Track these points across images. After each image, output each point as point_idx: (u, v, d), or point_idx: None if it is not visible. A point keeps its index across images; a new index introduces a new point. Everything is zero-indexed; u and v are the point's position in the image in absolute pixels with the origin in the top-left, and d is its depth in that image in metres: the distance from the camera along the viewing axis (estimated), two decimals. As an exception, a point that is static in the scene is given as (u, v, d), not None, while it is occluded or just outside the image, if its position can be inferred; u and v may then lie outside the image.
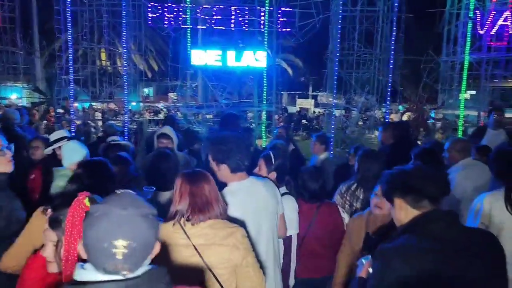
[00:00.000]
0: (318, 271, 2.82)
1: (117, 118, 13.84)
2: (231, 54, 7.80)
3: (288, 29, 8.09)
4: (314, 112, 24.53)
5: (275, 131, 5.41)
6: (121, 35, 8.50)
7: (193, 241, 1.76)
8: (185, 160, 3.87)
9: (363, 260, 1.70)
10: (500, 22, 8.30)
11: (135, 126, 10.75)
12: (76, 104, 9.80)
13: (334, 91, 9.77)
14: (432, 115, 15.73)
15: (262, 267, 1.96)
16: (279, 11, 8.00)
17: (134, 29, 9.04)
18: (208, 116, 10.55)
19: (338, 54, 9.19)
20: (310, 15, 8.60)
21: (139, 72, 12.11)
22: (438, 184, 1.52)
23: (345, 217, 2.93)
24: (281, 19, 7.90)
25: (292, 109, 25.34)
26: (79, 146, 3.02)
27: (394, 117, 18.64)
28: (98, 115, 14.46)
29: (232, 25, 7.97)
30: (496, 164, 2.50)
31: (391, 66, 9.41)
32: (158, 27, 8.46)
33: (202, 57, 7.95)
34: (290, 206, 2.64)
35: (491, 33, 8.58)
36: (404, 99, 18.82)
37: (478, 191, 2.61)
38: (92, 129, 10.41)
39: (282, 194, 2.57)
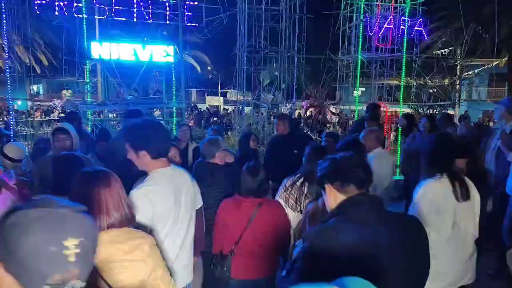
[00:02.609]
0: (256, 272, 2.70)
1: (-1, 120, 11.99)
2: (134, 48, 7.29)
3: (194, 24, 7.90)
4: (224, 109, 24.68)
5: (209, 132, 5.29)
6: (0, 24, 7.33)
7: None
8: (90, 163, 3.48)
9: (300, 242, 1.75)
10: (385, 25, 9.33)
11: (23, 128, 9.45)
12: None
13: (243, 88, 9.92)
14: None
15: (172, 272, 1.80)
16: (185, 4, 7.77)
17: (17, 17, 7.88)
18: (111, 115, 9.79)
19: (245, 51, 9.33)
20: (217, 11, 8.56)
21: (25, 67, 10.63)
22: (363, 170, 1.60)
23: (289, 212, 2.86)
24: (187, 13, 7.66)
25: (202, 107, 25.11)
26: None
27: (299, 113, 19.79)
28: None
29: (135, 17, 7.47)
30: (434, 152, 2.49)
31: (295, 64, 9.92)
32: (47, 15, 7.52)
33: (103, 50, 7.28)
34: None
35: (378, 35, 9.59)
36: (307, 95, 20.04)
37: (388, 178, 2.82)
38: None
39: None
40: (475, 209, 2.44)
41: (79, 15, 7.51)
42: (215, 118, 17.25)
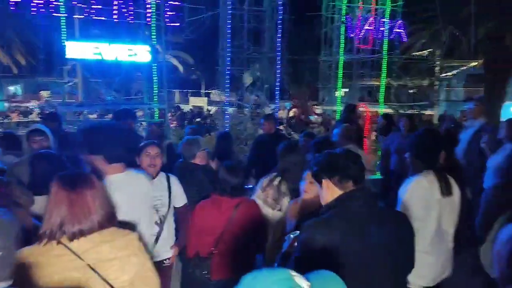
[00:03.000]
0: (236, 271, 2.66)
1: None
2: (114, 48, 7.17)
3: (176, 24, 7.82)
4: (208, 110, 24.55)
5: (186, 130, 5.24)
6: (-27, 21, 7.10)
7: (87, 260, 1.49)
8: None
9: (291, 235, 1.79)
10: (366, 27, 9.47)
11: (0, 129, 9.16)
12: None
13: (227, 88, 9.89)
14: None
15: None
16: (167, 4, 7.69)
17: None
18: (91, 116, 9.60)
19: (229, 52, 9.31)
20: (200, 11, 8.51)
21: (2, 67, 10.34)
22: (359, 166, 1.67)
23: (268, 211, 2.85)
24: (169, 13, 7.58)
25: (186, 108, 24.92)
26: None
27: (282, 114, 19.88)
28: None
29: (115, 16, 7.34)
30: (422, 147, 2.52)
31: (278, 64, 9.96)
32: (23, 14, 7.32)
33: (80, 50, 7.13)
34: None
35: (359, 36, 9.73)
36: (290, 96, 20.16)
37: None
38: None
39: None
40: (456, 204, 2.51)
41: (57, 14, 7.34)
42: (198, 119, 17.14)
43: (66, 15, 7.35)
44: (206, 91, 28.29)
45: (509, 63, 14.12)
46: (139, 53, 7.29)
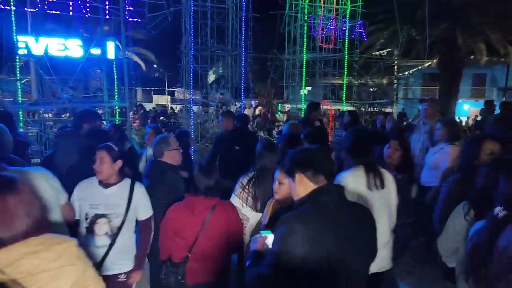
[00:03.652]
0: (211, 274, 2.62)
1: None
2: (69, 44, 6.82)
3: (137, 19, 7.58)
4: (172, 108, 24.09)
5: (147, 129, 5.03)
6: None
7: (12, 274, 1.31)
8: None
9: (261, 233, 1.80)
10: (328, 26, 9.67)
11: None
12: None
13: (191, 86, 9.73)
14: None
15: None
16: (127, -1, 7.42)
17: None
18: (46, 115, 9.10)
19: (192, 49, 9.16)
20: (161, 7, 8.29)
21: None
22: (331, 162, 1.76)
23: (247, 210, 2.81)
24: (128, 8, 7.32)
25: (149, 106, 24.31)
26: None
27: (248, 112, 19.88)
28: None
29: (70, 11, 6.99)
30: (351, 145, 2.66)
31: (242, 62, 9.93)
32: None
33: (34, 45, 6.72)
34: None
35: (321, 35, 9.92)
36: (255, 94, 20.21)
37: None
38: None
39: None
40: (391, 197, 2.61)
41: (6, 7, 6.88)
42: (161, 118, 16.77)
43: (15, 8, 6.91)
44: (170, 89, 27.75)
45: (461, 62, 15.00)
46: (97, 49, 6.99)
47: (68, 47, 6.79)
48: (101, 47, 7.01)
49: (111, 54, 7.14)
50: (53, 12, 6.99)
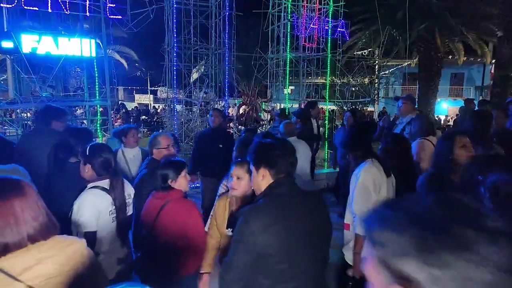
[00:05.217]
0: (154, 270, 2.61)
1: None
2: (47, 41, 6.63)
3: (118, 17, 7.45)
4: (154, 107, 23.81)
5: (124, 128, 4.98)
6: None
7: (27, 281, 1.27)
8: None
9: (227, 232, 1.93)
10: (310, 26, 9.74)
11: None
12: None
13: (174, 85, 9.64)
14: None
15: None
16: (107, -5, 7.28)
17: None
18: (24, 115, 8.86)
19: (175, 47, 9.08)
20: (143, 4, 8.19)
21: None
22: (294, 157, 1.87)
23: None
24: (109, 5, 7.18)
25: (132, 105, 23.95)
26: None
27: (232, 111, 19.82)
28: None
29: (49, 7, 6.81)
30: (356, 138, 2.87)
31: (226, 61, 9.90)
32: None
33: (10, 43, 6.51)
34: None
35: (305, 34, 9.98)
36: (239, 93, 20.17)
37: (305, 164, 3.03)
38: None
39: None
40: (394, 184, 2.83)
41: (-19, 2, 6.65)
42: (144, 117, 16.58)
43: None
44: (152, 88, 27.42)
45: (440, 62, 15.38)
46: (77, 47, 6.83)
47: (46, 45, 6.62)
48: (81, 45, 6.85)
49: (92, 52, 7.00)
50: (31, 8, 6.79)
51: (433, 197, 0.68)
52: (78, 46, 6.84)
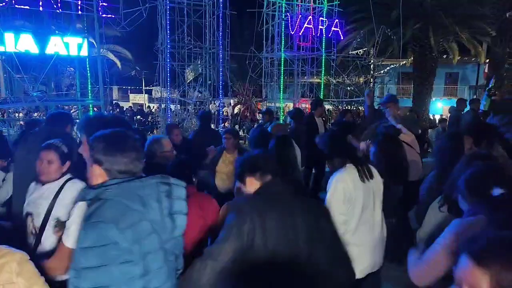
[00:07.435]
0: None
1: None
2: (40, 40, 6.54)
3: (111, 16, 7.38)
4: (149, 107, 23.70)
5: None
6: None
7: None
8: None
9: None
10: (305, 25, 9.72)
11: None
12: None
13: (168, 84, 9.59)
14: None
15: None
16: (100, -6, 7.21)
17: None
18: (17, 114, 8.76)
19: (169, 46, 9.02)
20: (136, 3, 8.12)
21: None
22: (275, 162, 1.96)
23: None
24: (102, 4, 7.12)
25: (126, 105, 23.82)
26: None
27: (227, 110, 19.77)
28: None
29: (40, 6, 6.73)
30: (333, 144, 2.70)
31: (220, 60, 9.86)
32: None
33: (2, 41, 6.43)
34: None
35: (299, 34, 9.96)
36: (234, 92, 20.12)
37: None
38: None
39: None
40: (380, 187, 2.63)
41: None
42: (138, 117, 16.49)
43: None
44: (147, 87, 27.28)
45: (435, 62, 15.42)
46: (69, 46, 6.75)
47: (38, 44, 6.54)
48: (74, 43, 6.78)
49: (82, 50, 6.93)
50: (22, 7, 6.71)
51: None
52: (71, 45, 6.76)
